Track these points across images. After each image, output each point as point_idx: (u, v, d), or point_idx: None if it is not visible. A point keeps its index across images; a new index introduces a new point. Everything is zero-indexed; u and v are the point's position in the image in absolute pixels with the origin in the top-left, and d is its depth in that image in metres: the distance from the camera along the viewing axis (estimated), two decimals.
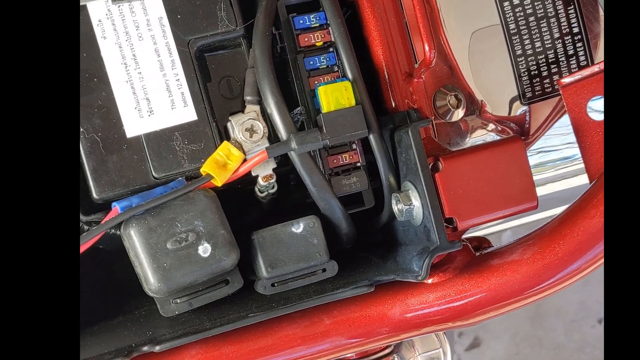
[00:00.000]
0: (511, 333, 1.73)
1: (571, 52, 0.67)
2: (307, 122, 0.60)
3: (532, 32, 0.66)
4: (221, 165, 0.57)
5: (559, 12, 0.66)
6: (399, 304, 0.61)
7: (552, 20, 0.66)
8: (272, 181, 0.59)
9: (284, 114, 0.58)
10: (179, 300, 0.58)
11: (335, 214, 0.60)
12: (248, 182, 0.61)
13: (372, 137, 0.59)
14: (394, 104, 0.61)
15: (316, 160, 0.60)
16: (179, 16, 0.58)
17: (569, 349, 1.74)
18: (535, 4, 0.66)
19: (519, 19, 0.66)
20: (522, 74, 0.66)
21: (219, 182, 0.57)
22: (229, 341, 0.61)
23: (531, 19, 0.66)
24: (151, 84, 0.57)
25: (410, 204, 0.58)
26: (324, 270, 0.60)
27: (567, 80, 0.60)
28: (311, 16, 0.60)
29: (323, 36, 0.60)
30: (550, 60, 0.66)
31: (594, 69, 0.60)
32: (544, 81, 0.66)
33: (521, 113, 0.67)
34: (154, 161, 0.57)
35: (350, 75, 0.59)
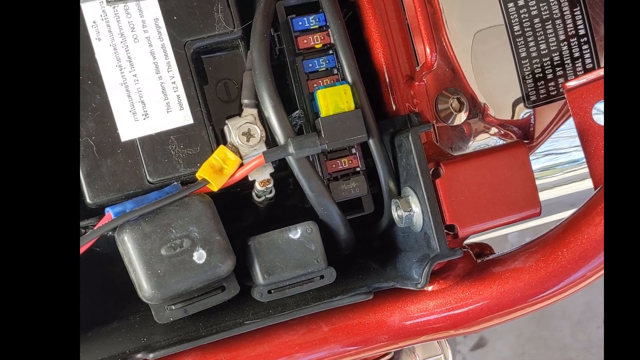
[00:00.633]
0: (516, 333, 1.72)
1: (577, 54, 0.65)
2: (305, 126, 0.59)
3: (537, 34, 0.65)
4: (217, 169, 0.56)
5: (564, 13, 0.65)
6: (398, 311, 0.60)
7: (558, 21, 0.65)
8: (269, 186, 0.58)
9: (281, 117, 0.56)
10: (173, 307, 0.57)
11: (334, 219, 0.59)
12: (245, 186, 0.59)
13: (371, 141, 0.58)
14: (394, 108, 0.60)
15: (314, 164, 0.58)
16: (175, 17, 0.57)
17: (575, 349, 1.73)
18: (541, 5, 0.64)
19: (523, 21, 0.64)
20: (526, 77, 0.65)
21: (215, 187, 0.56)
22: (225, 348, 0.60)
23: (536, 20, 0.64)
24: (146, 87, 0.56)
25: (410, 210, 0.57)
26: (322, 277, 0.59)
27: (572, 83, 0.59)
28: (310, 18, 0.59)
29: (322, 38, 0.59)
30: (555, 63, 0.65)
31: (600, 72, 0.59)
32: (549, 84, 0.65)
33: (525, 116, 0.66)
34: (149, 165, 0.56)
35: (349, 78, 0.58)
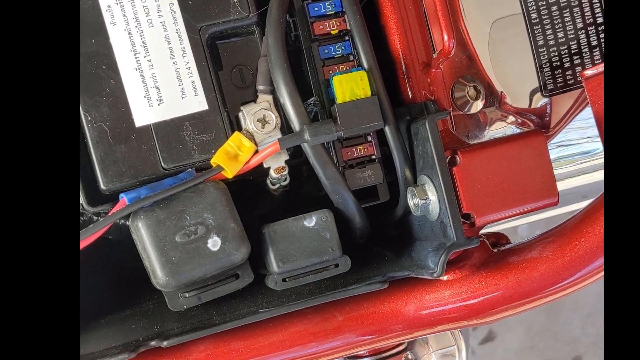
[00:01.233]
0: (526, 327, 1.71)
1: (595, 43, 0.64)
2: (321, 113, 0.58)
3: (555, 22, 0.64)
4: (232, 156, 0.55)
5: (582, 1, 0.64)
6: (414, 300, 0.60)
7: (576, 9, 0.64)
8: (284, 173, 0.58)
9: (297, 104, 0.56)
10: (187, 295, 0.56)
11: (349, 207, 0.58)
12: (260, 174, 0.59)
13: (387, 129, 0.57)
14: (410, 95, 0.60)
15: (330, 152, 0.58)
16: (190, 2, 0.56)
17: (584, 343, 1.72)
18: None
19: (541, 8, 0.64)
20: (543, 65, 0.64)
21: (229, 173, 0.55)
22: (239, 337, 0.59)
23: (554, 8, 0.64)
24: (161, 72, 0.56)
25: (426, 199, 0.56)
26: (337, 266, 0.58)
27: (590, 72, 0.58)
28: (326, 3, 0.58)
29: (338, 24, 0.58)
30: (572, 51, 0.64)
31: None
32: (566, 73, 0.64)
33: (542, 105, 0.65)
34: (163, 151, 0.55)
35: (366, 65, 0.57)
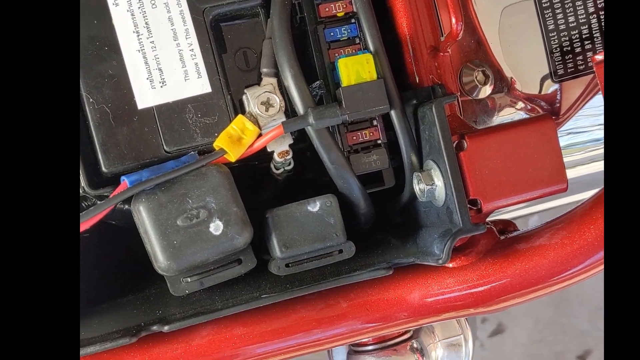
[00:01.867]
0: (534, 320, 1.70)
1: None
2: (326, 97, 0.58)
3: (566, 6, 0.63)
4: (235, 139, 0.55)
5: None
6: (419, 288, 0.59)
7: None
8: (288, 157, 0.57)
9: (301, 87, 0.55)
10: (189, 279, 0.56)
11: (354, 193, 0.58)
12: (264, 158, 0.58)
13: (393, 113, 0.56)
14: (417, 79, 0.59)
15: (335, 136, 0.57)
16: None
17: (593, 337, 1.71)
18: None
19: None
20: (554, 50, 0.63)
21: (232, 157, 0.54)
22: (241, 322, 0.59)
23: None
24: (164, 54, 0.55)
25: (432, 184, 0.55)
26: (341, 252, 0.57)
27: (600, 57, 0.57)
28: None
29: (344, 6, 0.57)
30: (584, 36, 0.63)
31: None
32: (577, 58, 0.63)
33: (552, 91, 0.64)
34: (166, 134, 0.55)
35: (372, 48, 0.56)
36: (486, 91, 0.61)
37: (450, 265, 0.59)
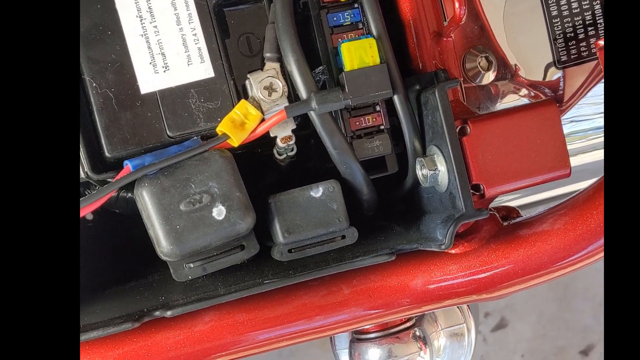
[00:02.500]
0: (538, 314, 1.70)
1: None
2: (329, 82, 0.58)
3: None
4: (238, 124, 0.55)
5: None
6: (422, 274, 0.59)
7: None
8: (291, 143, 0.57)
9: (304, 71, 0.55)
10: (192, 265, 0.56)
11: (357, 178, 0.57)
12: (267, 146, 0.58)
13: (396, 98, 0.56)
14: (421, 65, 0.58)
15: (338, 121, 0.57)
16: None
17: (597, 332, 1.71)
18: None
19: None
20: (557, 37, 0.63)
21: (235, 142, 0.54)
22: (244, 309, 0.59)
23: None
24: (167, 39, 0.55)
25: (435, 169, 0.55)
26: (343, 237, 0.57)
27: (604, 42, 0.57)
28: None
29: None
30: (587, 22, 0.63)
31: None
32: (580, 44, 0.63)
33: (556, 79, 0.64)
34: (169, 119, 0.55)
35: (375, 32, 0.56)
36: (489, 77, 0.61)
37: (453, 251, 0.59)
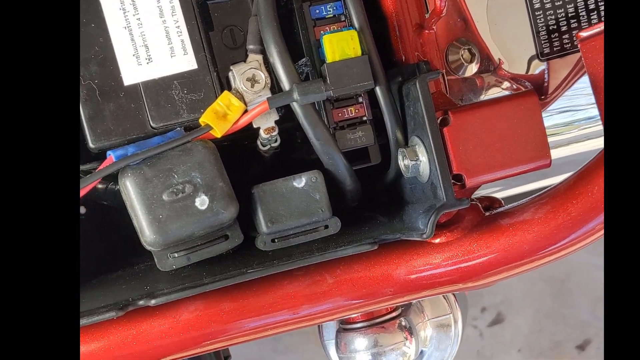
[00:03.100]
0: (535, 309, 1.70)
1: (592, 6, 0.63)
2: (312, 74, 0.58)
3: None
4: (221, 115, 0.55)
5: None
6: (405, 264, 0.59)
7: None
8: (274, 134, 0.57)
9: (287, 63, 0.55)
10: (176, 255, 0.56)
11: (339, 169, 0.58)
12: (252, 138, 0.59)
13: (378, 89, 0.57)
14: (403, 57, 0.59)
15: (320, 113, 0.58)
16: None
17: (594, 327, 1.71)
18: None
19: None
20: (540, 29, 0.63)
21: (218, 132, 0.55)
22: (229, 298, 0.59)
23: None
24: (150, 31, 0.55)
25: (416, 160, 0.56)
26: (327, 227, 0.58)
27: (585, 33, 0.57)
28: None
29: None
30: (570, 15, 0.63)
31: None
32: (563, 37, 0.63)
33: (539, 71, 0.64)
34: (152, 110, 0.55)
35: (357, 25, 0.57)
36: (472, 69, 0.62)
37: (436, 241, 0.59)
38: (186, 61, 0.56)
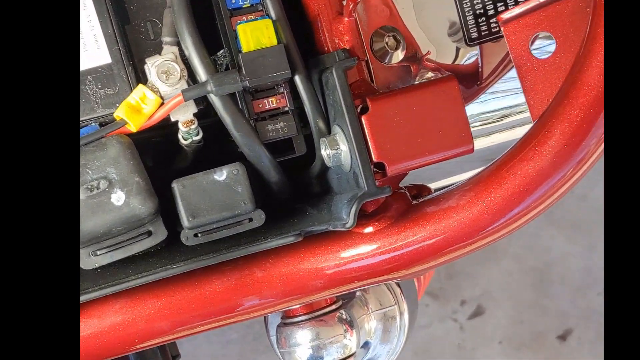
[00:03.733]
0: (515, 301, 1.70)
1: None
2: (232, 66, 0.57)
3: None
4: (136, 109, 0.54)
5: None
6: (333, 255, 0.59)
7: None
8: (193, 127, 0.57)
9: (201, 54, 0.55)
10: (99, 253, 0.56)
11: (262, 161, 0.57)
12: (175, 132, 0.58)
13: (297, 78, 0.56)
14: (325, 46, 0.58)
15: (241, 104, 0.57)
16: None
17: (575, 317, 1.71)
18: None
19: None
20: (467, 14, 0.62)
21: (134, 127, 0.54)
22: (155, 295, 0.58)
23: None
24: None
25: (337, 149, 0.55)
26: (251, 220, 0.57)
27: (507, 15, 0.56)
28: None
29: None
30: None
31: (537, 1, 0.56)
32: (490, 21, 0.62)
33: (468, 57, 0.64)
34: None
35: (273, 14, 0.56)
36: (398, 56, 0.61)
37: (365, 231, 0.58)
38: (99, 55, 0.55)
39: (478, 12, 0.62)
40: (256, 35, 0.55)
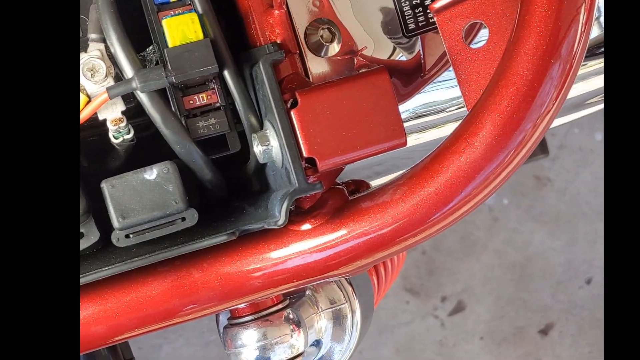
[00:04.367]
0: (495, 296, 1.69)
1: None
2: (160, 62, 0.56)
3: None
4: None
5: None
6: (270, 254, 0.58)
7: None
8: (122, 125, 0.55)
9: (127, 50, 0.54)
10: None
11: (193, 159, 0.56)
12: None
13: (226, 73, 0.55)
14: (257, 40, 0.57)
15: (171, 101, 0.56)
16: None
17: (556, 310, 1.70)
18: None
19: None
20: (403, 4, 0.61)
21: None
22: (90, 299, 0.57)
23: None
24: None
25: (268, 144, 0.54)
26: (184, 220, 0.56)
27: (439, 4, 0.55)
28: None
29: None
30: None
31: None
32: (427, 11, 0.61)
33: (405, 48, 0.63)
34: None
35: (199, 7, 0.55)
36: (335, 49, 0.60)
37: (301, 228, 0.57)
38: None
39: (415, 3, 0.61)
40: (182, 29, 0.54)
